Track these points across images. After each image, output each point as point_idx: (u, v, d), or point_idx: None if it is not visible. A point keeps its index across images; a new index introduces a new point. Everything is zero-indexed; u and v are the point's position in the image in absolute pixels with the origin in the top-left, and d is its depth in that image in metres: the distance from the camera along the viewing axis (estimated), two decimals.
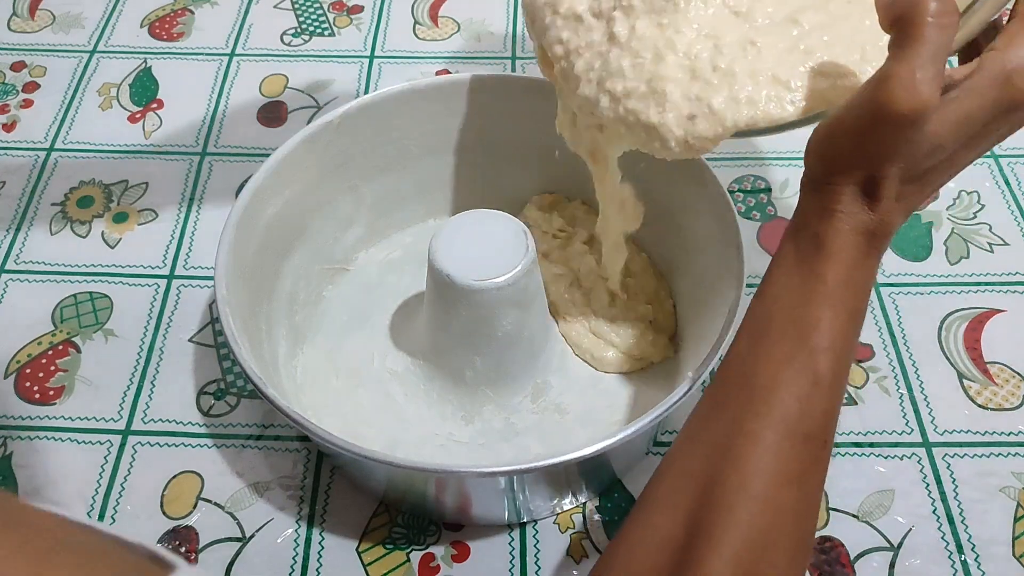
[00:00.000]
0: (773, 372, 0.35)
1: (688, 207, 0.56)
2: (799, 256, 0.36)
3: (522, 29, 0.79)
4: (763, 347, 0.36)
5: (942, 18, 0.31)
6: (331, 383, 0.55)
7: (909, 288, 0.60)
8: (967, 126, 0.33)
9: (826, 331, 0.35)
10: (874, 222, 0.35)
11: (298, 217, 0.56)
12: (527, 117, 0.59)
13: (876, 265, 0.37)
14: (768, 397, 0.34)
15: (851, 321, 0.35)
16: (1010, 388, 0.55)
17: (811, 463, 0.34)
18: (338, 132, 0.56)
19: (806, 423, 0.34)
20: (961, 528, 0.50)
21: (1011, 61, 0.33)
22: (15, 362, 0.57)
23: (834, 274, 0.35)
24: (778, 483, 0.33)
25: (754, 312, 0.37)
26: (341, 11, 0.81)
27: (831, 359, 0.34)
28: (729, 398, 0.36)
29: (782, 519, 0.33)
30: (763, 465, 0.33)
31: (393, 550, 0.50)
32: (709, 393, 0.37)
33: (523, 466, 0.42)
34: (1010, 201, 0.65)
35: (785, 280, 0.36)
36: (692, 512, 0.33)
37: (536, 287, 0.52)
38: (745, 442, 0.34)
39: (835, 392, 0.35)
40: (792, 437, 0.34)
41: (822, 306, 0.35)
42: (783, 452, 0.33)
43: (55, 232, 0.64)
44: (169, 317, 0.59)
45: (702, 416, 0.37)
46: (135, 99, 0.74)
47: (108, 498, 0.51)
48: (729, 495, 0.33)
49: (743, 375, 0.36)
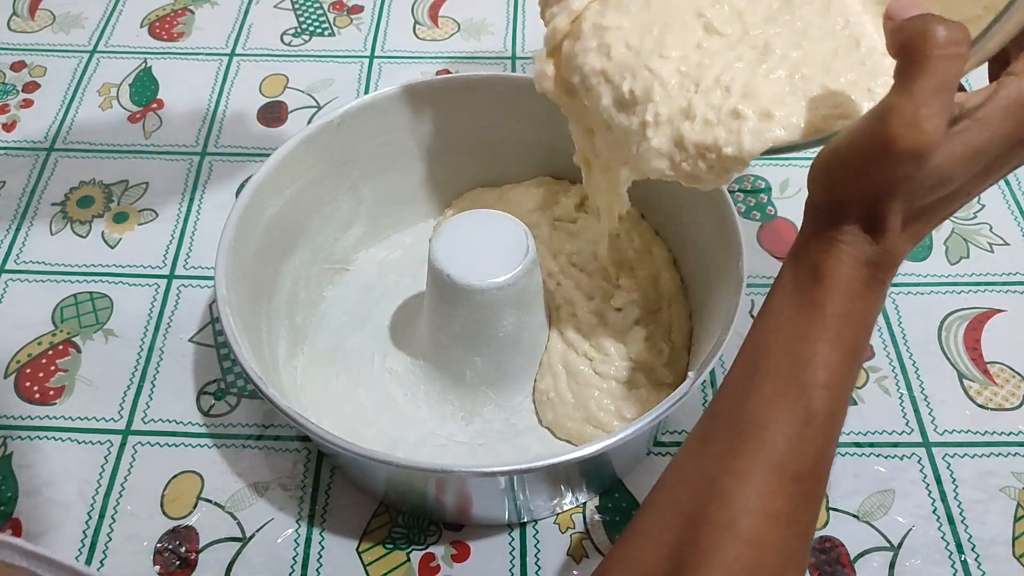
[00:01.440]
0: (765, 408, 0.33)
1: (688, 207, 0.56)
2: (797, 285, 0.35)
3: (522, 29, 0.79)
4: (756, 381, 0.34)
5: (950, 48, 0.29)
6: (331, 383, 0.55)
7: (909, 288, 0.60)
8: (977, 159, 0.31)
9: (821, 367, 0.33)
10: (878, 253, 0.33)
11: (298, 217, 0.56)
12: (527, 117, 0.59)
13: (880, 295, 0.35)
14: (759, 434, 0.33)
15: (849, 357, 0.34)
16: (1010, 388, 0.55)
17: (802, 502, 0.33)
18: (338, 132, 0.56)
19: (797, 463, 0.33)
20: (961, 528, 0.50)
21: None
22: (15, 362, 0.57)
23: (832, 307, 0.33)
24: (766, 523, 0.32)
25: (750, 342, 0.36)
26: (341, 11, 0.81)
27: (826, 397, 0.33)
28: (719, 432, 0.35)
29: (769, 559, 0.32)
30: (750, 505, 0.32)
31: (393, 550, 0.50)
32: (701, 424, 0.36)
33: (523, 466, 0.42)
34: (1010, 201, 0.65)
35: (782, 310, 0.35)
36: (676, 548, 0.32)
37: (536, 287, 0.52)
38: (733, 480, 0.32)
39: (830, 430, 0.34)
40: (782, 477, 0.32)
41: (818, 341, 0.33)
42: (772, 492, 0.32)
43: (55, 232, 0.64)
44: (169, 317, 0.59)
45: (692, 448, 0.36)
46: (135, 99, 0.74)
47: (108, 498, 0.51)
48: (715, 534, 0.32)
49: (735, 409, 0.35)
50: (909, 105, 0.29)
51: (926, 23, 0.29)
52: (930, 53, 0.29)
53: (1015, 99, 0.30)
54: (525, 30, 0.78)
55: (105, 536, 0.50)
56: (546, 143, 0.61)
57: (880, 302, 0.35)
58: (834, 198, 0.33)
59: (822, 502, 0.35)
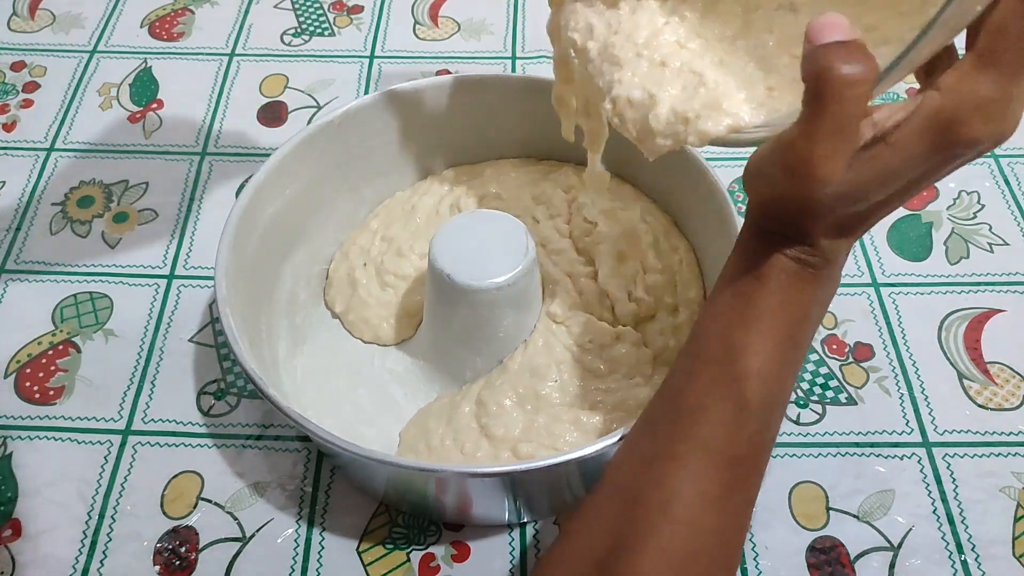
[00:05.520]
0: (700, 395, 0.35)
1: (688, 207, 0.57)
2: (734, 277, 0.36)
3: (522, 29, 0.79)
4: (694, 368, 0.36)
5: (850, 89, 0.27)
6: (331, 383, 0.55)
7: (909, 288, 0.60)
8: (893, 181, 0.31)
9: (753, 357, 0.34)
10: (806, 250, 0.34)
11: (298, 217, 0.56)
12: (527, 117, 0.59)
13: (819, 288, 0.35)
14: (694, 419, 0.34)
15: (784, 346, 0.34)
16: (1010, 388, 0.55)
17: (737, 485, 0.34)
18: (338, 132, 0.56)
19: (732, 448, 0.34)
20: (961, 528, 0.50)
21: (947, 109, 0.28)
22: (15, 362, 0.57)
23: (763, 299, 0.34)
24: (701, 505, 0.33)
25: (694, 330, 0.37)
26: (341, 11, 0.81)
27: (759, 384, 0.34)
28: (659, 417, 0.36)
29: (703, 540, 0.33)
30: (685, 488, 0.33)
31: (393, 550, 0.50)
32: (646, 410, 0.38)
33: (523, 466, 0.42)
34: (1010, 201, 0.65)
35: (722, 300, 0.36)
36: (616, 528, 0.34)
37: (536, 287, 0.52)
38: (669, 463, 0.34)
39: (765, 417, 0.35)
40: (715, 461, 0.34)
41: (750, 331, 0.34)
42: (706, 475, 0.33)
43: (55, 232, 0.64)
44: (169, 317, 0.59)
45: (636, 432, 0.37)
46: (135, 99, 0.74)
47: (108, 498, 0.51)
48: (651, 514, 0.33)
49: (674, 395, 0.36)
50: (805, 144, 0.29)
51: (829, 60, 0.27)
52: (828, 93, 0.27)
53: (933, 119, 0.29)
54: (525, 30, 0.78)
55: (105, 536, 0.50)
56: (546, 143, 0.61)
57: (820, 294, 0.35)
58: (761, 200, 0.34)
59: (759, 487, 0.36)
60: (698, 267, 0.56)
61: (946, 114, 0.28)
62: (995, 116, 0.28)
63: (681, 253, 0.56)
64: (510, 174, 0.62)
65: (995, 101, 0.28)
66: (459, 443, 0.49)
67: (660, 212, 0.59)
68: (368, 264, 0.58)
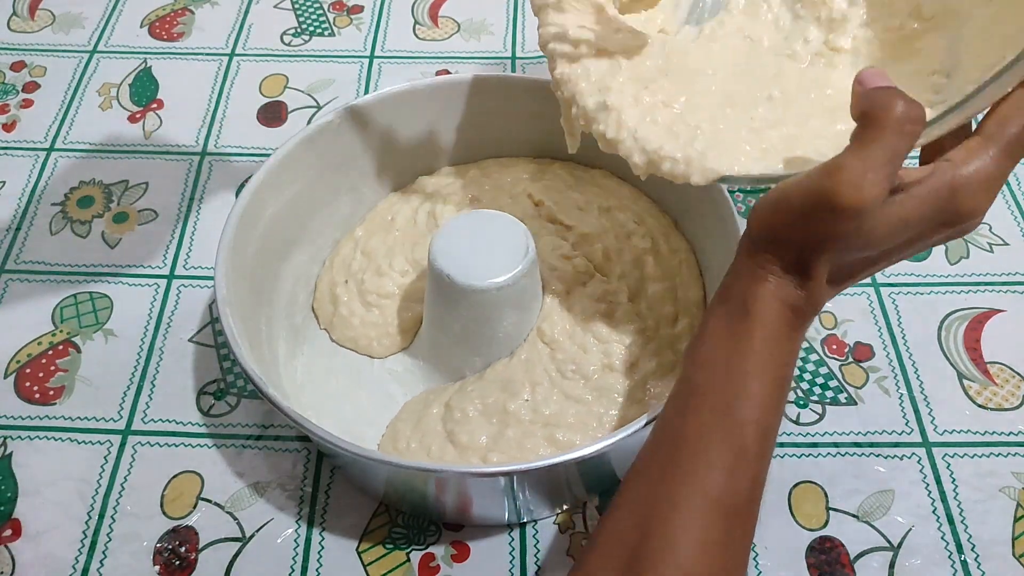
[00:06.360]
0: (699, 441, 0.35)
1: (688, 207, 0.57)
2: (729, 319, 0.36)
3: (522, 29, 0.79)
4: (691, 412, 0.36)
5: (906, 126, 0.31)
6: (331, 383, 0.55)
7: (909, 288, 0.60)
8: (903, 230, 0.34)
9: (753, 402, 0.35)
10: (801, 298, 0.35)
11: (298, 217, 0.56)
12: (527, 117, 0.59)
13: (800, 339, 0.37)
14: (694, 466, 0.35)
15: (778, 390, 0.36)
16: (1010, 388, 0.55)
17: (738, 527, 0.35)
18: (338, 132, 0.56)
19: (731, 494, 0.34)
20: (961, 528, 0.50)
21: (960, 177, 0.33)
22: (15, 362, 0.57)
23: (761, 344, 0.35)
24: (704, 551, 0.34)
25: (685, 372, 0.38)
26: (341, 11, 0.81)
27: (757, 431, 0.35)
28: (658, 463, 0.36)
29: None
30: (688, 535, 0.34)
31: (393, 550, 0.50)
32: (643, 455, 0.38)
33: (523, 466, 0.42)
34: (1010, 201, 0.65)
35: (715, 343, 0.37)
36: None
37: (536, 287, 0.52)
38: (671, 512, 0.34)
39: (761, 460, 0.36)
40: (716, 507, 0.34)
41: (748, 375, 0.35)
42: (707, 522, 0.34)
43: (55, 232, 0.64)
44: (169, 317, 0.59)
45: (634, 479, 0.37)
46: (135, 99, 0.74)
47: (108, 498, 0.51)
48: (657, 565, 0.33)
49: (672, 440, 0.36)
50: (859, 167, 0.31)
51: (890, 97, 0.31)
52: (888, 125, 0.31)
53: (946, 184, 0.33)
54: (525, 30, 0.78)
55: (105, 536, 0.50)
56: (546, 143, 0.61)
57: (799, 345, 0.37)
58: (772, 236, 0.35)
59: (755, 524, 0.37)
60: (698, 267, 0.56)
61: (958, 181, 0.33)
62: (993, 190, 0.33)
63: (681, 255, 0.56)
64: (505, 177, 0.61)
65: (996, 179, 0.33)
66: (425, 446, 0.49)
67: (660, 212, 0.59)
68: (349, 281, 0.57)
